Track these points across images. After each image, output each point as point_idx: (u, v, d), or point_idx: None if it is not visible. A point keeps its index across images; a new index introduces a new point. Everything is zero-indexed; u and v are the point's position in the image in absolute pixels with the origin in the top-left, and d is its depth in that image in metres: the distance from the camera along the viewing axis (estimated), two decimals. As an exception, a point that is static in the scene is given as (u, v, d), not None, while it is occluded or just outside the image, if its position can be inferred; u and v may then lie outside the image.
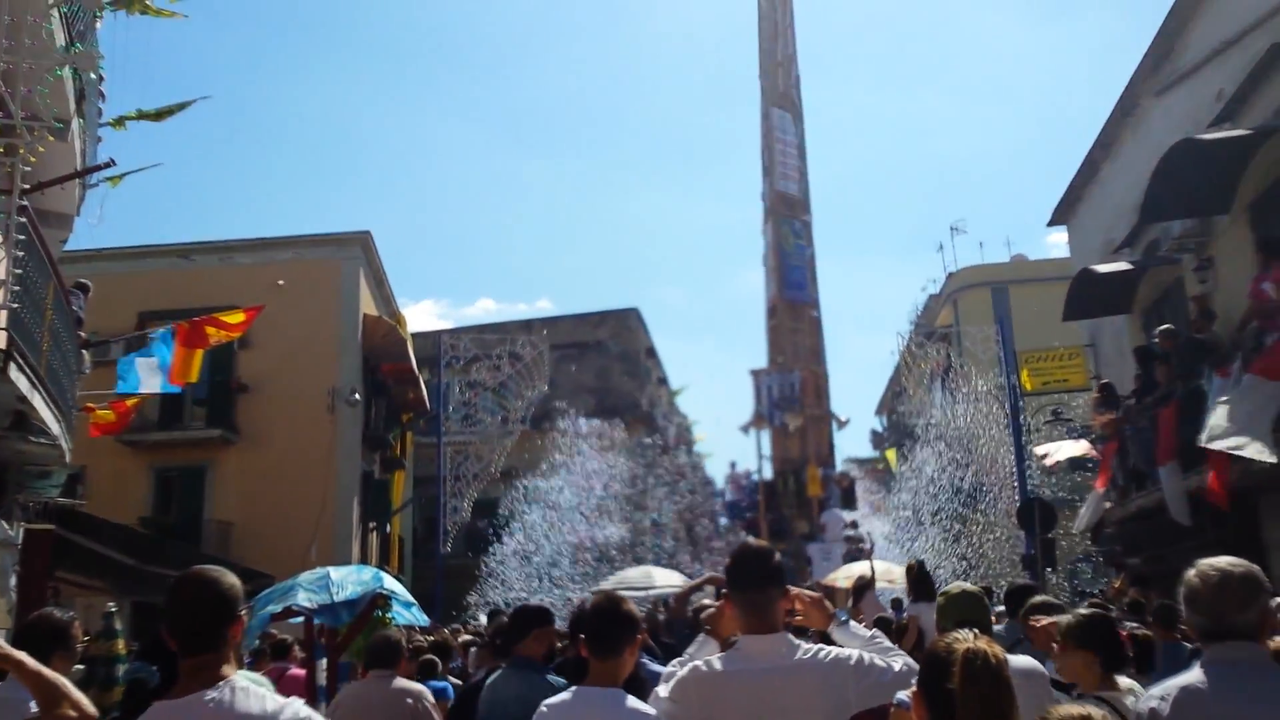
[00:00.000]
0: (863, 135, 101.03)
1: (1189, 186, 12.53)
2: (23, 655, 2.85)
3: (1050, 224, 20.40)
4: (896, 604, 11.95)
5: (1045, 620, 4.66)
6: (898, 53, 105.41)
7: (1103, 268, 15.95)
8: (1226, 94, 12.60)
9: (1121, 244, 16.65)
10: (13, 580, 11.45)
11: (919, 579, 8.56)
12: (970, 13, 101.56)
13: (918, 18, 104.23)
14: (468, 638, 11.88)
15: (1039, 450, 19.33)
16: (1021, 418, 23.05)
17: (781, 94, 25.23)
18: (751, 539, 3.36)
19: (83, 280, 14.29)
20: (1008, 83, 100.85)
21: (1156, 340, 14.02)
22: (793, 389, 23.97)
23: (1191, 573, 2.88)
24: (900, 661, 3.11)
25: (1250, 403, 9.64)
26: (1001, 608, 7.90)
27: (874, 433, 43.86)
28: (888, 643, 3.31)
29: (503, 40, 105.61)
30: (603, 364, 34.49)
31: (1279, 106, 11.64)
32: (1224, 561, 2.91)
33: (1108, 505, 15.65)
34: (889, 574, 16.76)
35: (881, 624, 6.37)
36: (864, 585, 8.98)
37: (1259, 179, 12.26)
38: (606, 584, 18.63)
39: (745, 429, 25.09)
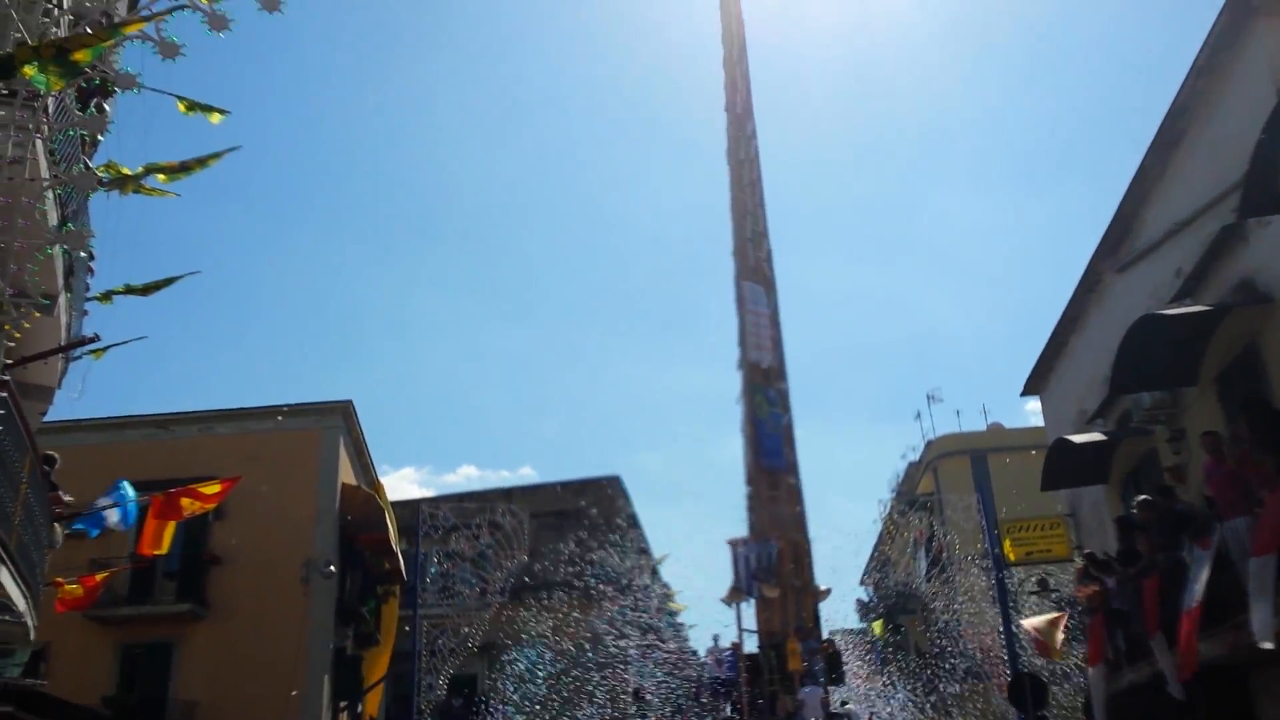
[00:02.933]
0: (839, 306, 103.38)
1: (1155, 360, 12.83)
2: None
3: (1023, 394, 20.70)
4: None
5: None
6: (871, 229, 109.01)
7: (1078, 438, 16.10)
8: (1184, 271, 13.05)
9: (1094, 414, 16.88)
10: (-37, 767, 10.96)
11: None
12: (937, 191, 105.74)
13: (889, 196, 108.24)
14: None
15: (1025, 624, 19.06)
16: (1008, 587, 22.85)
17: (752, 268, 25.94)
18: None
19: (49, 453, 14.17)
20: (977, 256, 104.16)
21: (1135, 510, 14.04)
22: (770, 559, 23.60)
23: None
24: None
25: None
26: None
27: (860, 602, 43.14)
28: None
29: (483, 215, 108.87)
30: (583, 533, 34.10)
31: (1235, 284, 12.04)
32: None
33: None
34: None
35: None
36: None
37: (1223, 352, 12.57)
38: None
39: (726, 601, 24.59)
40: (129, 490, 13.92)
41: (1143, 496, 13.98)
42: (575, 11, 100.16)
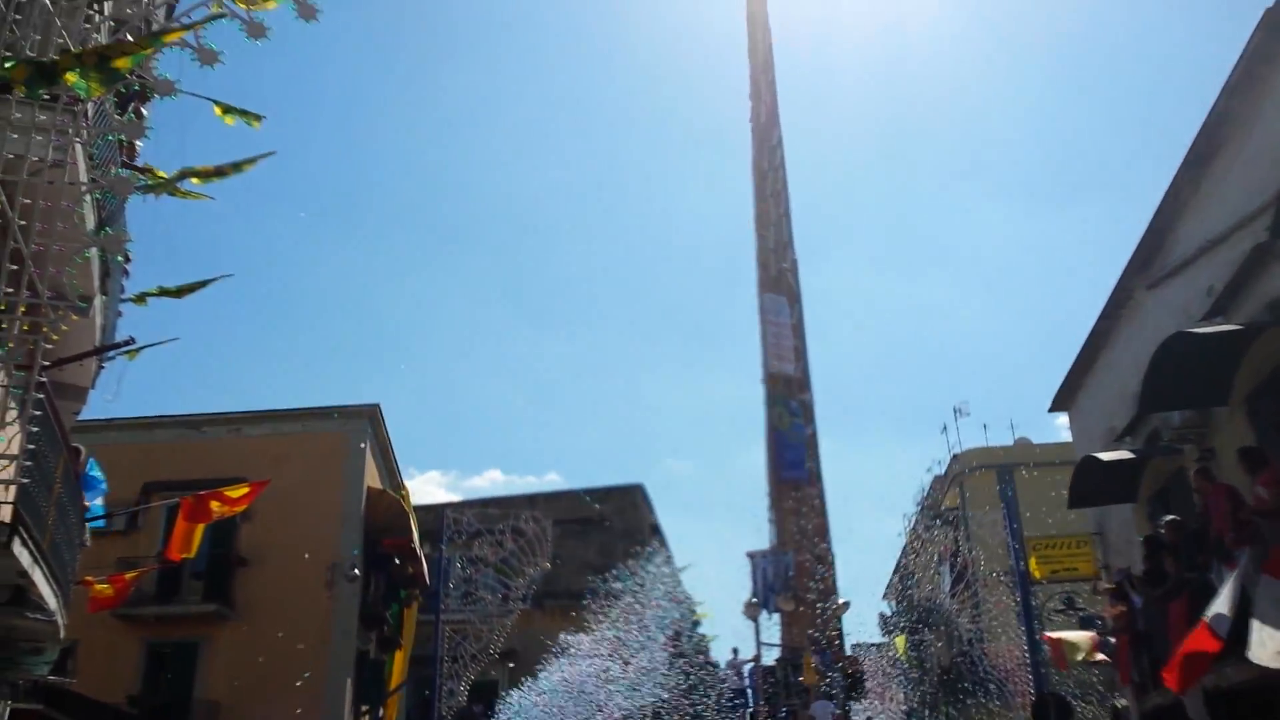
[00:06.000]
0: (868, 315, 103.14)
1: (1186, 378, 12.70)
2: None
3: (1051, 410, 20.53)
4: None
5: None
6: (900, 239, 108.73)
7: (1106, 456, 15.95)
8: (1216, 289, 12.93)
9: (1123, 432, 16.72)
10: (-6, 762, 11.11)
11: None
12: (968, 202, 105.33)
13: (919, 206, 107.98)
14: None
15: (1050, 634, 18.92)
16: (1033, 605, 22.61)
17: (774, 278, 25.97)
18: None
19: (76, 445, 14.31)
20: (1007, 269, 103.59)
21: (1163, 530, 13.91)
22: (786, 571, 23.56)
23: None
24: None
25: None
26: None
27: (882, 616, 42.89)
28: None
29: (514, 222, 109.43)
30: (606, 541, 34.17)
31: (1268, 302, 11.91)
32: None
33: (1122, 703, 15.17)
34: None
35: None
36: None
37: (1255, 372, 12.43)
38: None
39: (745, 613, 24.55)
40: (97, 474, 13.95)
41: (1171, 517, 13.85)
42: (607, 26, 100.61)
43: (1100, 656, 16.35)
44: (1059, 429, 49.11)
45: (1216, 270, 13.10)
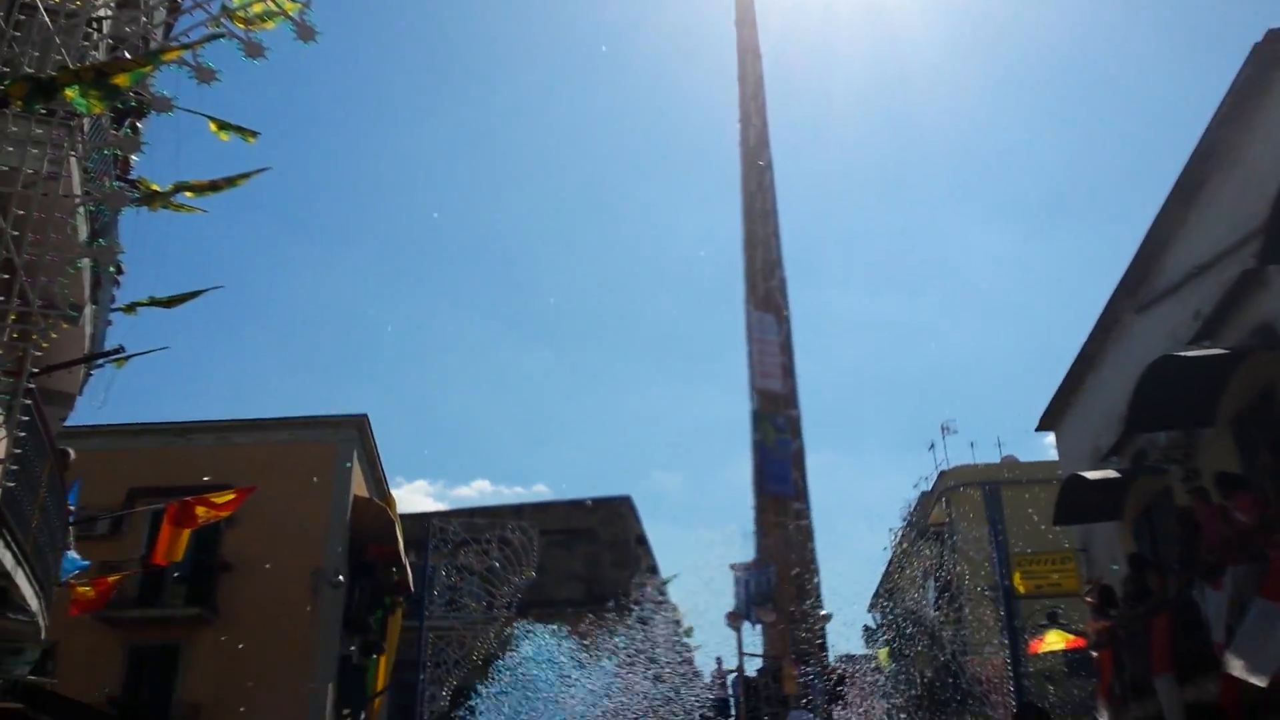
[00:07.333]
0: (859, 334, 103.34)
1: (1172, 400, 12.79)
2: None
3: (1039, 429, 20.60)
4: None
5: None
6: (891, 259, 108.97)
7: (1092, 474, 16.03)
8: (1203, 314, 13.04)
9: (1109, 452, 16.82)
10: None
11: None
12: (960, 223, 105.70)
13: (910, 227, 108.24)
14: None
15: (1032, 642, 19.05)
16: (1016, 620, 22.74)
17: (762, 297, 26.01)
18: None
19: (63, 448, 14.26)
20: (997, 289, 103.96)
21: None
22: (768, 584, 23.60)
23: None
24: None
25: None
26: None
27: (866, 628, 42.97)
28: None
29: (505, 238, 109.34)
30: (592, 551, 34.15)
31: (1254, 327, 12.02)
32: None
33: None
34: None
35: None
36: None
37: (1240, 395, 12.54)
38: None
39: (727, 624, 24.57)
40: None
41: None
42: (599, 49, 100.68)
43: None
44: (1046, 448, 49.36)
45: (1204, 295, 13.21)
